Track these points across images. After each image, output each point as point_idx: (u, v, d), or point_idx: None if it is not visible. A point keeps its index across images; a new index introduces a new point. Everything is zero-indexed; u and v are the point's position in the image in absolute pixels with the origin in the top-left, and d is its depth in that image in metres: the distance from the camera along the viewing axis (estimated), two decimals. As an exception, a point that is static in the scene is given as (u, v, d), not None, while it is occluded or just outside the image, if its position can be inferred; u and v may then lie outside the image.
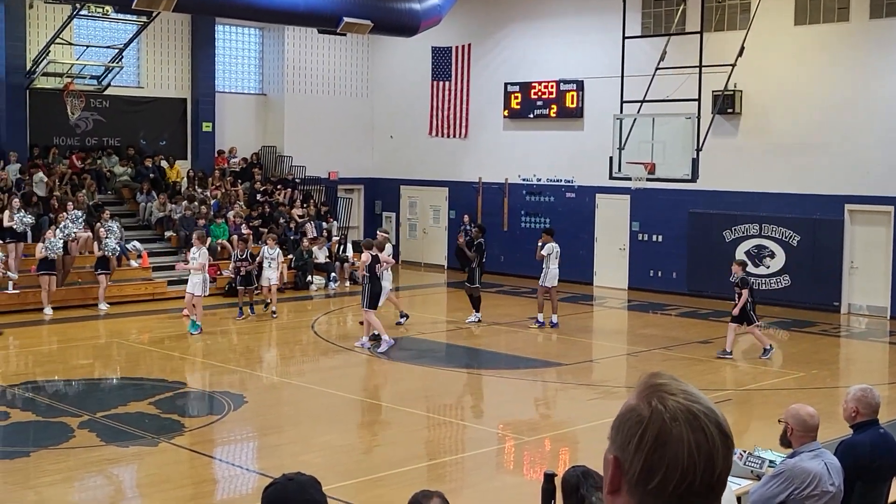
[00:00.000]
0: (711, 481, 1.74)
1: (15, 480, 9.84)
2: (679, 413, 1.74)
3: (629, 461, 1.75)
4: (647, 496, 1.74)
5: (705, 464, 1.72)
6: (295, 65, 27.86)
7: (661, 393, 1.78)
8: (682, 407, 1.75)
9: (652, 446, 1.73)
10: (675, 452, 1.71)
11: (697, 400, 1.78)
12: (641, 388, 1.81)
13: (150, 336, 18.23)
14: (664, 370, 1.87)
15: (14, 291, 19.45)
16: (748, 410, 12.81)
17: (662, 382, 1.81)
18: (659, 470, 1.72)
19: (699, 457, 1.72)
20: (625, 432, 1.78)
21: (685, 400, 1.76)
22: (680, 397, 1.77)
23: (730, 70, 18.83)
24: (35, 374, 14.84)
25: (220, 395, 13.41)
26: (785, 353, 17.58)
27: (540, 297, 18.83)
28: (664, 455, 1.72)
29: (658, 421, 1.74)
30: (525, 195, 26.16)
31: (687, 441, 1.72)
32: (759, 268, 21.80)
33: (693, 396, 1.78)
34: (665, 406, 1.75)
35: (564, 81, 24.88)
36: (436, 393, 14.26)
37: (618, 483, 1.78)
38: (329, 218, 26.45)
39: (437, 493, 4.49)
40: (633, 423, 1.77)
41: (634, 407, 1.79)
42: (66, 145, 24.40)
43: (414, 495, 4.47)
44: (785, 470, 6.28)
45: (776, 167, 21.51)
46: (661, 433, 1.73)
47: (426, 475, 10.31)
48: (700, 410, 1.75)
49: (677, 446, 1.72)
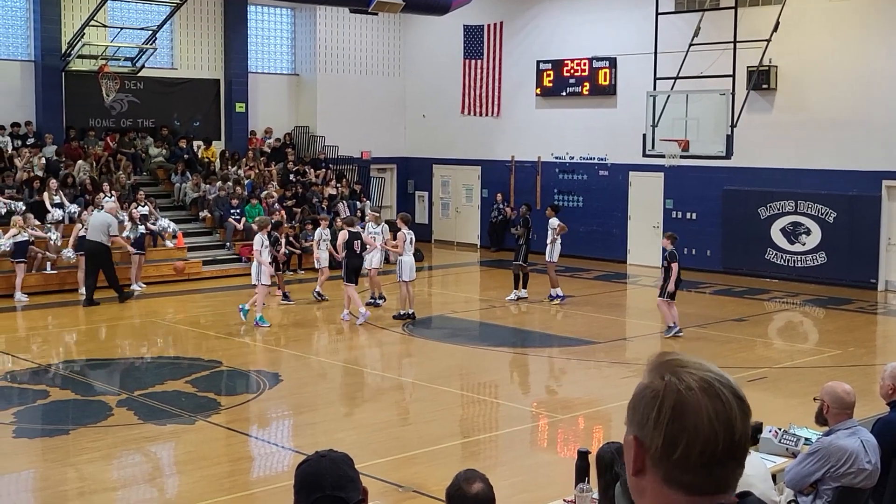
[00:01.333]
0: (733, 447, 1.75)
1: (55, 457, 10.00)
2: (693, 382, 1.75)
3: (649, 437, 1.77)
4: (672, 469, 1.75)
5: (725, 430, 1.73)
6: (327, 45, 27.88)
7: (673, 366, 1.79)
8: (696, 377, 1.76)
9: (671, 417, 1.74)
10: (695, 421, 1.73)
11: (709, 369, 1.79)
12: (652, 365, 1.83)
13: (186, 316, 18.40)
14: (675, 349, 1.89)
15: (52, 272, 19.70)
16: (784, 388, 12.73)
17: (672, 358, 1.82)
18: (681, 440, 1.73)
19: (719, 423, 1.73)
20: (641, 410, 1.79)
21: (697, 370, 1.78)
22: (692, 368, 1.78)
23: (765, 45, 18.63)
24: (73, 354, 15.03)
25: (256, 373, 13.53)
26: (821, 331, 17.46)
27: (552, 273, 18.89)
28: (684, 425, 1.73)
29: (674, 392, 1.75)
30: (558, 173, 26.07)
31: (705, 408, 1.73)
32: (794, 245, 21.62)
33: (704, 366, 1.80)
34: (679, 378, 1.76)
35: (597, 59, 24.71)
36: (469, 371, 14.30)
37: (641, 462, 1.80)
38: (362, 197, 26.51)
39: (481, 476, 4.48)
40: (648, 399, 1.78)
41: (648, 384, 1.80)
42: (102, 127, 24.60)
43: (457, 476, 4.46)
44: (821, 448, 6.26)
45: (812, 143, 21.27)
46: (679, 403, 1.74)
47: (460, 453, 10.36)
48: (713, 378, 1.77)
49: (696, 415, 1.73)
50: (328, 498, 3.09)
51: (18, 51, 23.55)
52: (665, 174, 23.06)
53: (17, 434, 10.66)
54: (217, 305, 18.83)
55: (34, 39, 23.42)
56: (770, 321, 18.41)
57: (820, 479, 6.23)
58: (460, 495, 4.36)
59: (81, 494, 9.02)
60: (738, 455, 1.77)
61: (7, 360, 14.31)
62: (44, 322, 17.63)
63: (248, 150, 26.19)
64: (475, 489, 4.34)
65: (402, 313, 17.18)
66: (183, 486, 9.39)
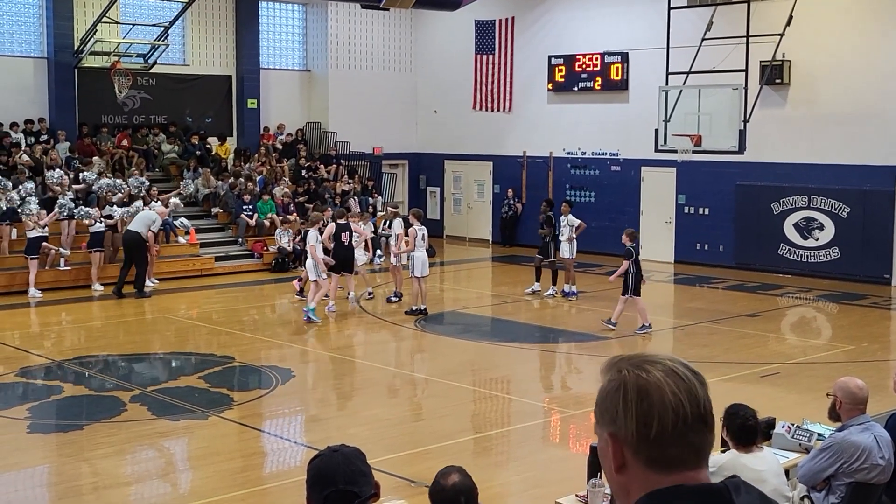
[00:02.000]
0: (701, 413, 1.84)
1: (70, 452, 10.05)
2: (646, 365, 1.86)
3: (623, 426, 1.83)
4: (652, 448, 1.82)
5: (689, 398, 1.82)
6: (338, 40, 27.89)
7: (622, 361, 1.90)
8: (647, 360, 1.87)
9: (638, 398, 1.82)
10: (660, 396, 1.81)
11: (655, 355, 1.90)
12: (605, 368, 1.93)
13: (199, 311, 18.45)
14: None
15: (66, 268, 19.77)
16: (797, 384, 12.70)
17: (619, 356, 1.93)
18: (652, 416, 1.81)
19: (682, 393, 1.82)
20: (609, 405, 1.87)
21: (645, 359, 1.88)
22: (638, 359, 1.89)
23: (778, 39, 18.55)
24: (87, 349, 15.09)
25: (269, 369, 13.56)
26: (834, 326, 17.40)
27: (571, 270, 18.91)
28: (651, 402, 1.81)
29: (633, 378, 1.85)
30: (570, 169, 26.03)
31: (666, 384, 1.82)
32: (807, 240, 21.55)
33: (651, 354, 1.91)
34: (633, 366, 1.87)
35: (609, 53, 24.66)
36: (481, 367, 14.30)
37: (620, 457, 1.85)
38: (374, 193, 26.53)
39: (458, 468, 4.55)
40: (612, 393, 1.87)
41: (606, 384, 1.90)
42: (114, 124, 24.68)
43: (435, 477, 4.53)
44: (834, 443, 6.24)
45: (825, 138, 21.18)
46: (641, 386, 1.83)
47: (472, 448, 10.37)
48: (665, 359, 1.88)
49: (660, 390, 1.82)
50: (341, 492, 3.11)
51: (31, 48, 23.64)
52: (677, 169, 22.99)
53: (31, 429, 10.72)
54: (229, 301, 18.88)
55: (47, 36, 23.51)
56: (783, 316, 18.36)
57: (833, 474, 6.22)
58: (438, 489, 4.45)
59: (95, 489, 9.06)
60: (708, 420, 1.86)
61: (21, 356, 14.38)
62: (57, 318, 17.71)
63: (259, 146, 26.24)
64: (451, 481, 4.41)
65: (415, 309, 17.19)
66: (196, 482, 9.43)
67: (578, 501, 6.13)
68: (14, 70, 23.16)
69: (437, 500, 4.43)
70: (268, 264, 22.19)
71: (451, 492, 4.38)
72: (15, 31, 23.45)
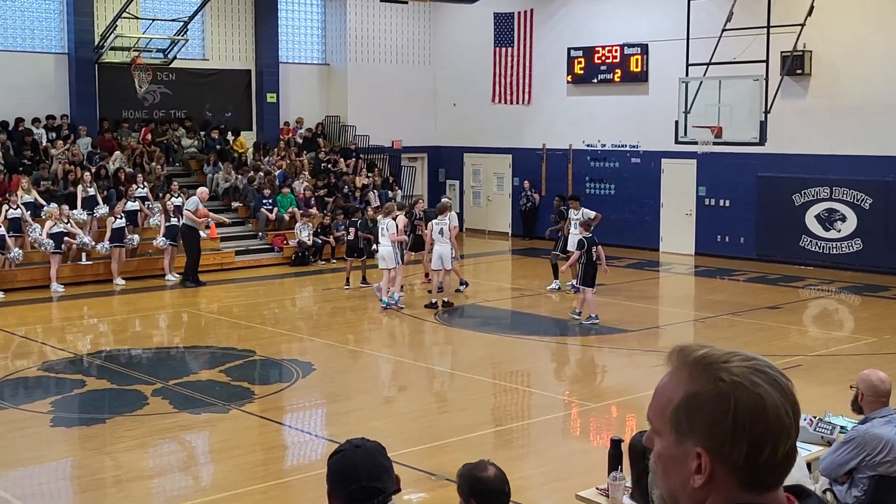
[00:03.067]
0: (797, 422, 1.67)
1: (92, 446, 10.11)
2: (751, 375, 1.63)
3: (727, 446, 1.62)
4: (757, 471, 1.64)
5: (796, 416, 1.65)
6: (357, 34, 27.90)
7: (715, 364, 1.66)
8: (748, 367, 1.64)
9: (751, 419, 1.61)
10: (777, 418, 1.62)
11: (747, 354, 1.68)
12: (687, 369, 1.68)
13: (219, 305, 18.53)
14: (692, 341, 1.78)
15: (88, 262, 19.89)
16: (819, 376, 12.63)
17: (703, 353, 1.68)
18: (767, 442, 1.62)
19: (792, 413, 1.64)
20: (706, 418, 1.63)
21: (741, 361, 1.66)
22: (735, 361, 1.65)
23: (799, 30, 18.43)
24: (108, 343, 15.18)
25: (289, 362, 13.60)
26: (857, 318, 17.29)
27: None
28: (767, 422, 1.62)
29: (744, 393, 1.62)
30: (589, 161, 25.96)
31: (780, 403, 1.63)
32: (829, 232, 21.41)
33: (740, 353, 1.68)
34: (735, 374, 1.63)
35: (629, 45, 24.56)
36: (502, 360, 14.30)
37: (710, 473, 1.65)
38: (394, 187, 26.54)
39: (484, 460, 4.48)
40: (714, 406, 1.63)
41: (699, 391, 1.64)
42: (135, 118, 24.80)
43: (468, 471, 4.36)
44: (856, 436, 6.20)
45: (847, 128, 21.01)
46: (756, 405, 1.62)
47: (493, 441, 10.37)
48: (762, 365, 1.66)
49: (776, 412, 1.62)
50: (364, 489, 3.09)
51: (52, 44, 23.77)
52: (698, 161, 22.89)
53: (54, 423, 10.80)
54: (249, 295, 18.94)
55: (67, 32, 23.63)
56: (805, 309, 18.25)
57: (855, 467, 6.18)
58: (481, 482, 4.27)
59: (118, 482, 9.12)
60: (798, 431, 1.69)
61: (44, 350, 14.49)
62: (79, 312, 17.82)
63: (279, 140, 26.29)
64: (491, 472, 4.29)
65: (434, 302, 17.21)
66: (217, 475, 9.47)
67: (599, 494, 6.12)
68: (35, 66, 23.30)
69: (483, 492, 4.29)
70: (288, 258, 22.26)
71: (497, 482, 4.28)
72: (36, 28, 23.58)
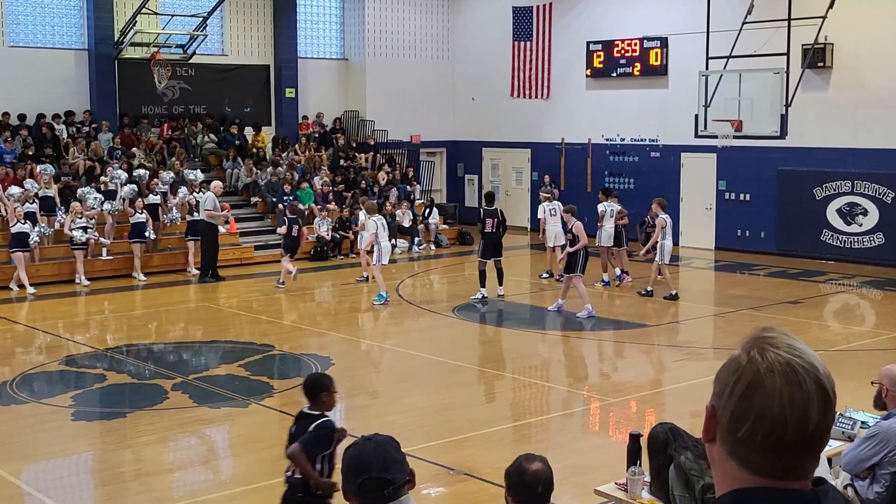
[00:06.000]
0: (805, 437, 1.70)
1: (113, 440, 10.17)
2: (776, 365, 1.72)
3: (721, 408, 1.76)
4: (737, 445, 1.74)
5: (798, 418, 1.69)
6: (376, 29, 27.90)
7: (764, 344, 1.76)
8: (782, 360, 1.73)
9: (742, 394, 1.72)
10: (765, 403, 1.70)
11: (800, 354, 1.75)
12: (747, 339, 1.80)
13: (238, 300, 18.58)
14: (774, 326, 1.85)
15: (108, 258, 19.99)
16: (840, 371, 12.54)
17: (769, 335, 1.79)
18: (746, 419, 1.71)
19: (791, 410, 1.69)
20: (722, 380, 1.78)
21: (787, 353, 1.74)
22: (782, 350, 1.74)
23: (820, 22, 18.31)
24: (129, 338, 15.26)
25: (308, 357, 13.63)
26: (878, 313, 17.16)
27: (603, 257, 18.92)
28: (752, 404, 1.71)
29: (752, 371, 1.73)
30: (609, 155, 25.88)
31: (779, 393, 1.70)
32: (851, 226, 21.26)
33: (797, 351, 1.75)
34: (763, 357, 1.73)
35: (648, 39, 24.45)
36: (521, 354, 14.27)
37: (712, 431, 1.79)
38: (413, 181, 26.53)
39: (542, 457, 4.51)
40: (730, 372, 1.77)
41: (736, 357, 1.78)
42: (154, 114, 24.89)
43: (517, 459, 4.51)
44: (879, 432, 6.16)
45: (869, 122, 20.86)
46: (753, 383, 1.72)
47: (511, 436, 10.36)
48: (800, 365, 1.73)
49: (767, 397, 1.70)
50: (374, 480, 3.16)
51: (72, 40, 23.89)
52: (718, 155, 22.78)
53: (75, 417, 10.86)
54: (269, 290, 18.98)
55: (87, 28, 23.74)
56: (826, 303, 18.14)
57: (877, 463, 6.14)
58: (519, 472, 4.42)
59: (138, 476, 9.16)
60: (814, 446, 1.73)
61: (66, 345, 14.57)
62: (100, 307, 17.91)
63: (298, 135, 26.33)
64: (535, 467, 4.40)
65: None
66: (237, 469, 9.51)
67: (618, 489, 6.10)
68: (56, 62, 23.42)
69: (514, 482, 4.40)
70: (307, 253, 22.28)
71: (532, 478, 4.36)
72: (56, 24, 23.70)
